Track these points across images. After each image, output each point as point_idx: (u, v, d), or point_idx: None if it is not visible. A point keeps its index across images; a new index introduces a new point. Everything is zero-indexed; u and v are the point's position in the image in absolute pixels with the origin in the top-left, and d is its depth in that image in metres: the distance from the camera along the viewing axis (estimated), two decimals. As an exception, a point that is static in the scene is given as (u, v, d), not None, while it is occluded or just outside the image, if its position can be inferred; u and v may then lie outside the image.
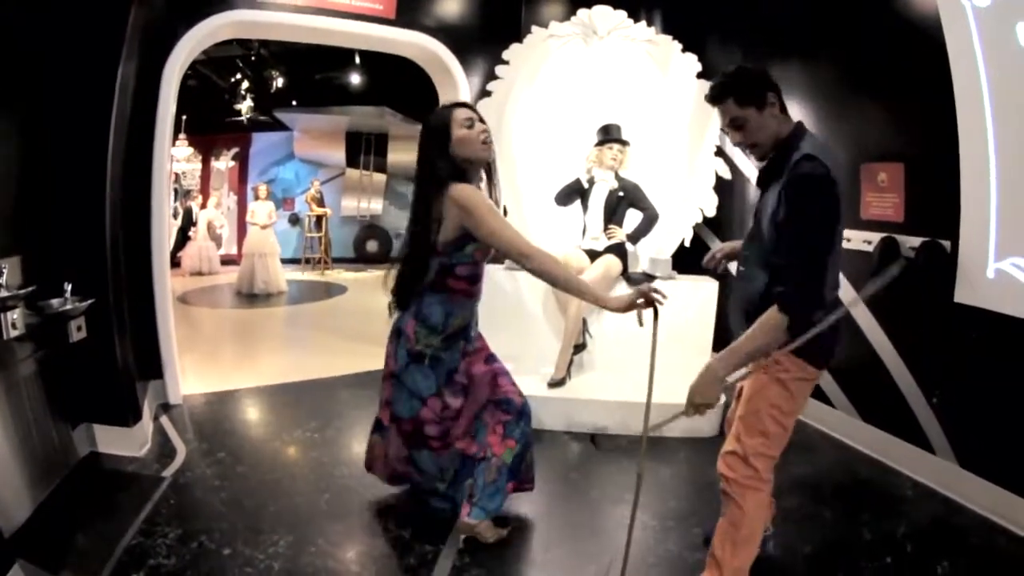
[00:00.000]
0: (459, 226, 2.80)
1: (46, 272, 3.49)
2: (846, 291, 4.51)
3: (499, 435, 3.15)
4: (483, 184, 3.05)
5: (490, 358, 3.26)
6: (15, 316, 3.02)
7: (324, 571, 2.96)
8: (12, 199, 3.44)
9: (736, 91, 2.43)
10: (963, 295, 3.74)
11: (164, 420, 4.70)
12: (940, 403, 4.02)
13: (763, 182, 2.54)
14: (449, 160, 2.85)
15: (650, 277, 5.20)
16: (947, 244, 3.86)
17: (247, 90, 13.67)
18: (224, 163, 15.89)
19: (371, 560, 3.09)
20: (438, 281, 2.92)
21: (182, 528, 3.22)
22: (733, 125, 2.48)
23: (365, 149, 15.46)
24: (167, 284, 4.98)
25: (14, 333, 3.02)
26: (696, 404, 2.39)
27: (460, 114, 2.89)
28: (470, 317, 3.08)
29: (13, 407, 3.17)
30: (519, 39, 5.79)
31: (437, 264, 2.90)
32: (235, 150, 15.92)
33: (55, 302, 3.43)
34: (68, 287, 3.50)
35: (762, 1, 5.65)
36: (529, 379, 4.82)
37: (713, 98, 2.49)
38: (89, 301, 3.57)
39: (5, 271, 3.08)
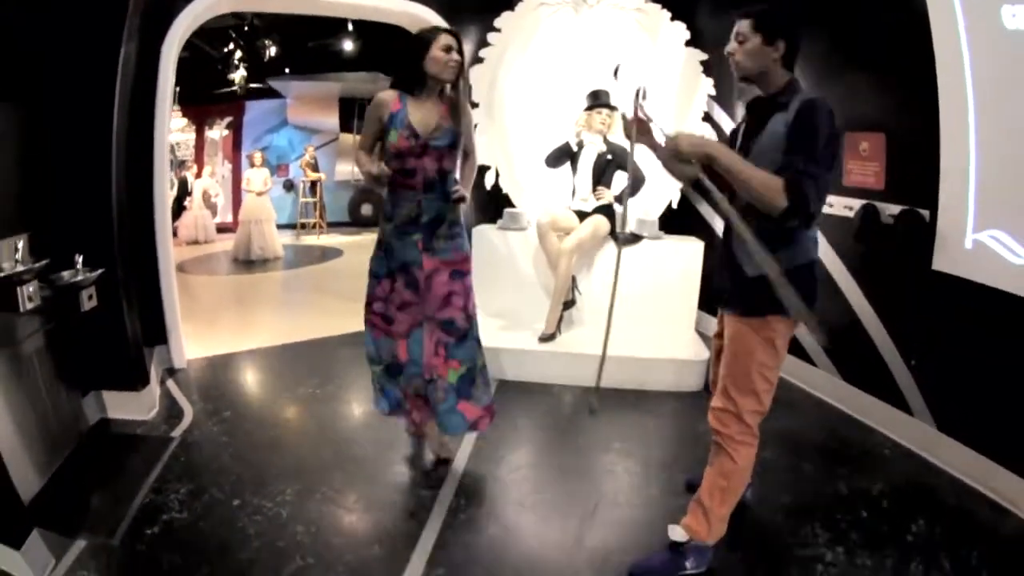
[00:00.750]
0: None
1: (55, 247, 3.54)
2: (825, 253, 4.70)
3: (441, 357, 3.42)
4: (444, 96, 3.34)
5: (457, 275, 3.43)
6: (31, 289, 3.09)
7: (330, 516, 3.16)
8: (18, 177, 3.52)
9: (759, 15, 2.55)
10: (941, 263, 3.83)
11: (170, 384, 4.84)
12: (918, 367, 4.13)
13: (761, 117, 2.62)
14: (417, 69, 3.22)
15: (637, 237, 5.35)
16: (926, 213, 3.94)
17: (240, 60, 13.67)
18: (218, 132, 15.89)
19: (374, 505, 3.29)
20: (390, 182, 3.30)
21: (193, 483, 3.39)
22: (736, 38, 2.59)
23: (359, 114, 15.29)
24: (170, 252, 5.10)
25: (30, 306, 3.09)
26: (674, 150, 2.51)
27: (443, 39, 3.20)
28: (418, 211, 3.29)
29: (26, 378, 3.26)
30: (511, 7, 5.85)
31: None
32: (229, 119, 15.82)
33: (66, 274, 3.49)
34: (79, 258, 3.58)
35: None
36: (521, 334, 5.06)
37: (740, 10, 2.60)
38: (100, 271, 3.66)
39: (21, 247, 3.19)
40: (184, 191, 13.65)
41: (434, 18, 5.86)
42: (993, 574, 2.90)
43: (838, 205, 4.65)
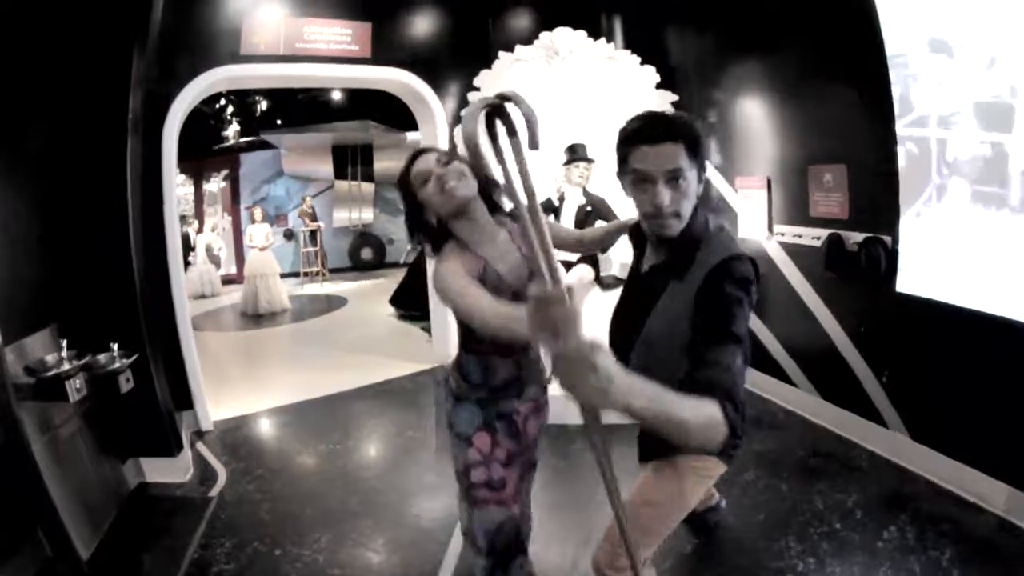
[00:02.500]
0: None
1: (86, 334, 3.88)
2: (798, 282, 5.06)
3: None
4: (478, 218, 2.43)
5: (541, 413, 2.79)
6: (78, 383, 3.50)
7: (361, 559, 3.55)
8: (44, 272, 3.85)
9: (694, 139, 1.93)
10: (904, 285, 4.15)
11: (200, 446, 5.18)
12: (890, 382, 4.44)
13: (654, 281, 2.08)
14: (427, 225, 2.48)
15: (620, 280, 5.68)
16: (888, 239, 4.25)
17: (232, 114, 14.01)
18: (216, 184, 16.15)
19: (399, 547, 3.67)
20: (465, 342, 2.55)
21: (236, 538, 3.76)
22: (671, 176, 1.91)
23: (352, 160, 15.70)
24: (188, 324, 5.44)
25: (77, 397, 3.49)
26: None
27: (415, 175, 2.40)
28: (515, 370, 2.57)
29: (71, 450, 3.65)
30: (488, 63, 6.12)
31: (460, 327, 2.50)
32: (225, 171, 16.06)
33: (103, 358, 3.87)
34: (115, 347, 3.94)
35: (716, 17, 6.09)
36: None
37: (664, 133, 1.91)
38: (134, 356, 4.02)
39: (64, 345, 3.58)
40: (187, 246, 13.86)
41: (419, 84, 6.27)
42: (964, 567, 3.20)
43: (806, 236, 5.01)
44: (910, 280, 4.11)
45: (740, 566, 3.31)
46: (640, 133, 1.95)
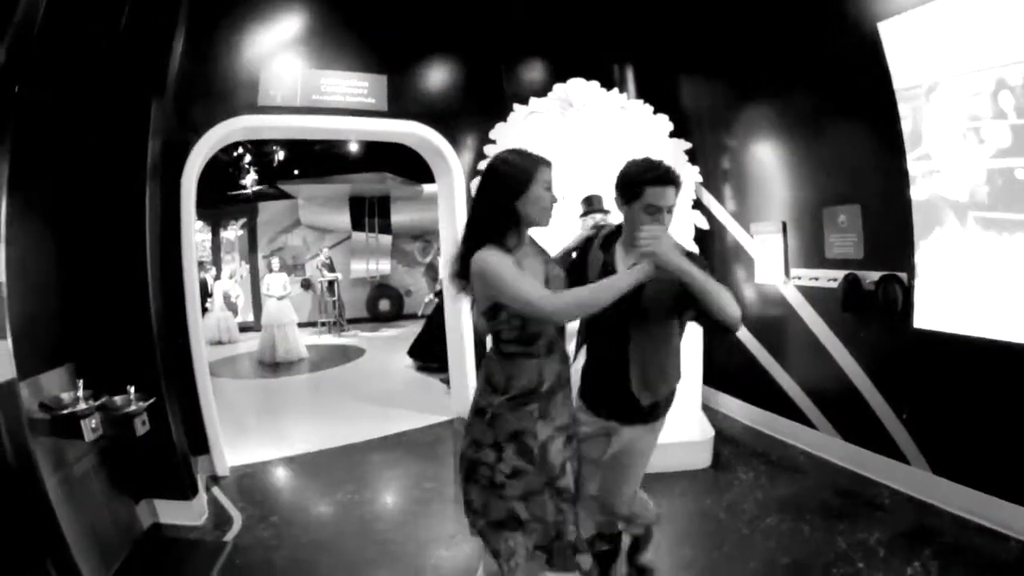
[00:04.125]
0: (485, 295, 2.55)
1: (102, 374, 3.90)
2: (815, 323, 5.03)
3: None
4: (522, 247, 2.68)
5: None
6: (94, 423, 3.50)
7: (377, 610, 3.47)
8: (62, 313, 3.91)
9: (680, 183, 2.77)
10: (921, 321, 4.19)
11: (216, 491, 5.16)
12: (910, 418, 4.43)
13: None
14: (511, 213, 2.57)
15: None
16: (904, 276, 4.29)
17: (249, 163, 14.14)
18: (233, 232, 16.45)
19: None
20: (494, 344, 2.69)
21: (251, 584, 3.70)
22: (670, 210, 2.77)
23: (369, 212, 15.86)
24: (206, 369, 5.47)
25: (93, 436, 3.50)
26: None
27: (546, 175, 2.62)
28: (537, 379, 2.59)
29: (85, 487, 3.67)
30: (503, 115, 6.18)
31: (487, 327, 2.66)
32: (243, 220, 16.38)
33: (119, 400, 3.87)
34: (132, 389, 3.95)
35: (726, 63, 6.19)
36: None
37: (673, 180, 2.75)
38: (151, 400, 4.02)
39: (80, 385, 3.58)
40: (205, 293, 13.93)
41: (435, 137, 6.32)
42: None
43: (823, 278, 5.03)
44: (927, 315, 4.16)
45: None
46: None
